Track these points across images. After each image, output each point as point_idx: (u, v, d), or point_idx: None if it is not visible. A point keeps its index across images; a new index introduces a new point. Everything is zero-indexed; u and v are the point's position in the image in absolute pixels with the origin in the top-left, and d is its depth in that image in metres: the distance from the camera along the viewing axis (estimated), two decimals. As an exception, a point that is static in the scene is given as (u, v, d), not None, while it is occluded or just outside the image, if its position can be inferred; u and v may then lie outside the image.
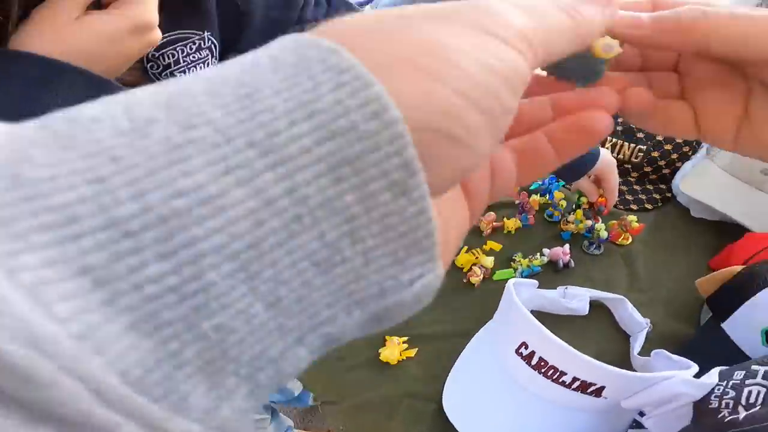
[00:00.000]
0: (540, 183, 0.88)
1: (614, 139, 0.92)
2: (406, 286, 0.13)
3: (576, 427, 0.55)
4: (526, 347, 0.54)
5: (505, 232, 0.81)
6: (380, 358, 0.63)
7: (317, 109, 0.11)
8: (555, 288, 0.67)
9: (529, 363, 0.54)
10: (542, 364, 0.53)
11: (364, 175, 0.12)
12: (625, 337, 0.67)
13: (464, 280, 0.73)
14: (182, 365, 0.10)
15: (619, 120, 0.93)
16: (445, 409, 0.57)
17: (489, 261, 0.72)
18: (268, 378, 0.12)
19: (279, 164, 0.11)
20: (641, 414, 0.55)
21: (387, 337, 0.66)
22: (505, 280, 0.67)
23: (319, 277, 0.12)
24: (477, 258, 0.73)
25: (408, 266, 0.13)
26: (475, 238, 0.81)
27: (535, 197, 0.84)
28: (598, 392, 0.52)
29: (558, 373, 0.52)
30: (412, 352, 0.64)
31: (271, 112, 0.11)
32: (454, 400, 0.59)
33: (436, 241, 0.13)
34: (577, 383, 0.52)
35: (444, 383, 0.60)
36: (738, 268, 0.62)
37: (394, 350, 0.63)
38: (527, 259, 0.72)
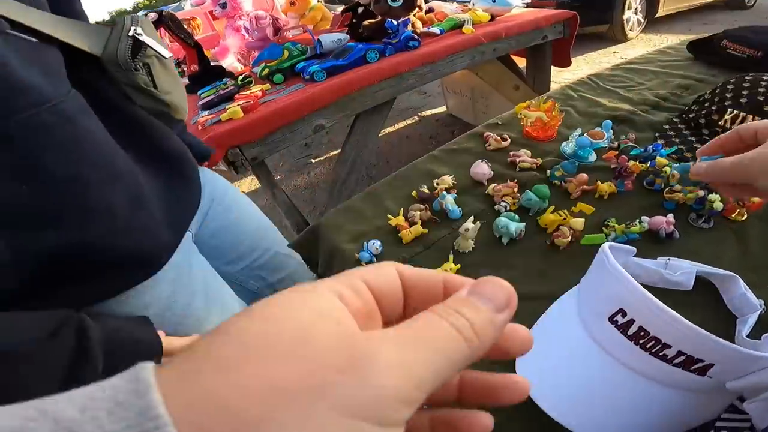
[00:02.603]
0: (642, 150, 0.80)
1: (736, 111, 0.83)
2: None
3: (668, 405, 0.49)
4: (624, 315, 0.48)
5: (596, 196, 0.74)
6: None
7: None
8: (654, 259, 0.60)
9: (624, 332, 0.48)
10: (641, 334, 0.47)
11: None
12: (732, 319, 0.59)
13: (548, 242, 0.67)
14: None
15: (743, 92, 0.83)
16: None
17: (579, 223, 0.65)
18: None
19: None
20: (741, 399, 0.49)
21: (461, 293, 0.62)
22: (594, 246, 0.61)
23: None
24: (565, 219, 0.66)
25: None
26: (563, 199, 0.74)
27: (635, 163, 0.76)
28: (704, 370, 0.45)
29: (660, 346, 0.46)
30: (487, 312, 0.60)
31: None
32: (529, 366, 0.54)
33: None
34: (682, 358, 0.46)
35: (518, 348, 0.56)
36: None
37: (467, 308, 0.60)
38: (623, 225, 0.65)
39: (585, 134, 0.85)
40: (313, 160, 3.05)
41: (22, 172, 0.41)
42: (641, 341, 0.48)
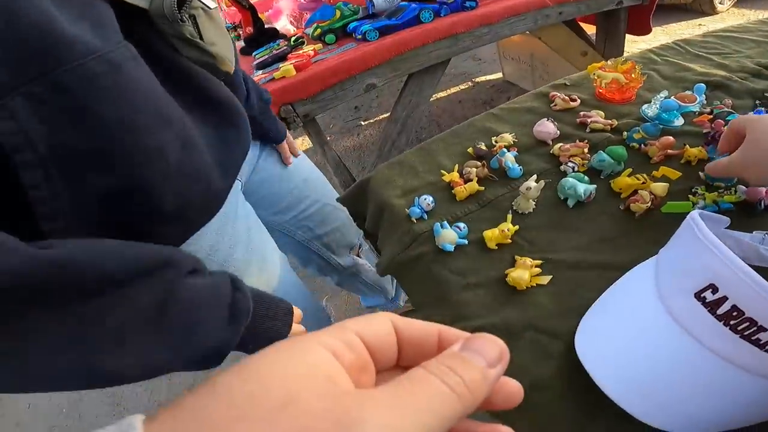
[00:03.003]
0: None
1: None
2: None
3: (753, 395, 0.42)
4: (715, 291, 0.41)
5: (682, 161, 0.65)
6: (507, 280, 0.55)
7: None
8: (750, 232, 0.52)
9: (713, 311, 0.42)
10: (734, 314, 0.40)
11: None
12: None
13: (621, 207, 0.60)
14: None
15: None
16: (578, 352, 0.47)
17: (661, 188, 0.57)
18: None
19: None
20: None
21: (518, 257, 0.56)
22: (676, 215, 0.53)
23: None
24: (644, 183, 0.59)
25: None
26: (642, 163, 0.66)
27: (731, 126, 0.66)
28: (801, 359, 0.38)
29: (755, 329, 0.39)
30: (546, 279, 0.55)
31: None
32: (590, 343, 0.48)
33: None
34: (779, 344, 0.39)
35: (579, 321, 0.50)
36: None
37: (524, 273, 0.54)
38: (715, 193, 0.56)
39: (672, 97, 0.75)
40: (362, 123, 3.02)
41: (74, 118, 0.44)
42: (732, 322, 0.41)
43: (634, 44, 2.94)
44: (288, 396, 0.16)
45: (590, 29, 2.23)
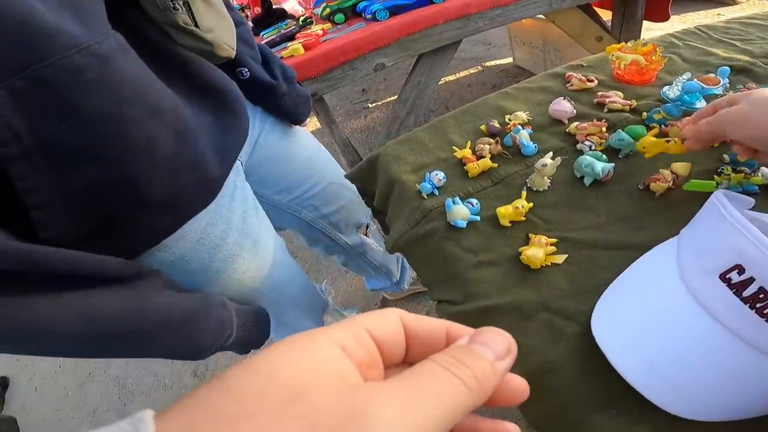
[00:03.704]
0: None
1: None
2: None
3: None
4: (741, 272, 0.40)
5: (703, 142, 0.63)
6: (521, 258, 0.53)
7: None
8: (776, 215, 0.50)
9: (738, 293, 0.40)
10: (761, 297, 0.39)
11: None
12: None
13: (641, 186, 0.58)
14: None
15: None
16: (595, 334, 0.45)
17: (683, 167, 0.55)
18: None
19: None
20: None
21: (532, 235, 0.55)
22: (699, 194, 0.51)
23: None
24: (670, 142, 0.57)
25: None
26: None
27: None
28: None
29: (784, 312, 0.38)
30: (561, 258, 0.53)
31: None
32: (608, 325, 0.46)
33: None
34: (806, 330, 0.37)
35: (595, 302, 0.48)
36: None
37: (538, 252, 0.52)
38: (741, 174, 0.54)
39: (695, 79, 0.73)
40: (370, 105, 2.99)
41: (59, 112, 0.43)
42: (758, 305, 0.39)
43: (650, 32, 2.88)
44: (298, 391, 0.16)
45: (605, 15, 2.18)
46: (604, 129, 0.67)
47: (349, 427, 0.16)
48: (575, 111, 0.73)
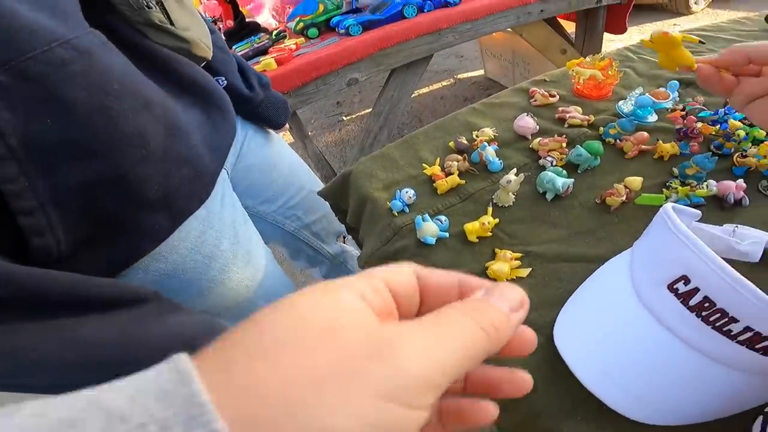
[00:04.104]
0: (712, 113, 0.72)
1: None
2: None
3: (725, 385, 0.43)
4: (687, 282, 0.43)
5: (655, 156, 0.67)
6: (487, 273, 0.55)
7: None
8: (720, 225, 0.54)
9: (685, 302, 0.43)
10: (706, 305, 0.41)
11: None
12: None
13: (597, 200, 0.61)
14: None
15: None
16: (557, 344, 0.48)
17: (635, 181, 0.59)
18: None
19: None
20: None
21: (497, 250, 0.57)
22: (650, 207, 0.55)
23: None
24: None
25: None
26: (617, 158, 0.68)
27: (705, 125, 0.68)
28: (768, 350, 0.40)
29: (726, 320, 0.40)
30: (525, 272, 0.55)
31: None
32: (568, 334, 0.49)
33: None
34: (748, 335, 0.40)
35: (557, 313, 0.51)
36: None
37: (504, 266, 0.55)
38: (687, 187, 0.58)
39: (647, 93, 0.77)
40: (344, 118, 3.02)
41: (45, 107, 0.42)
42: (704, 313, 0.42)
43: (611, 43, 3.00)
44: (327, 329, 0.17)
45: (570, 27, 2.27)
46: (564, 144, 0.70)
47: (377, 359, 0.17)
48: (538, 127, 0.77)
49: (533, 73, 2.48)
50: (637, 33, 3.76)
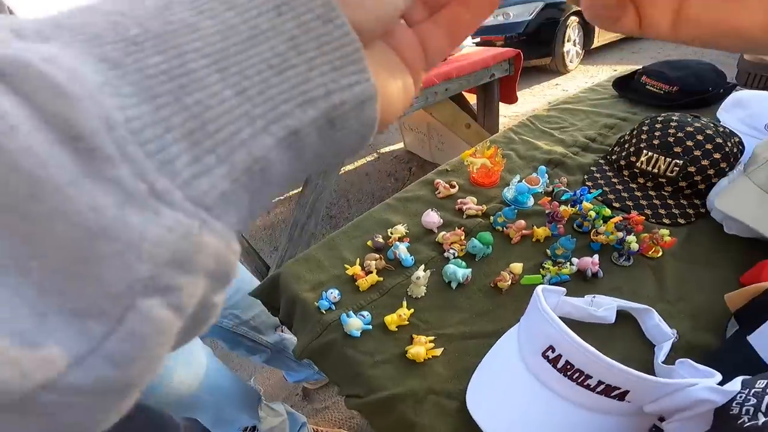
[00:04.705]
0: (572, 194, 0.89)
1: (650, 153, 0.92)
2: (346, 88, 0.17)
3: (598, 429, 0.56)
4: (553, 351, 0.55)
5: (534, 240, 0.82)
6: (407, 355, 0.65)
7: None
8: (582, 297, 0.68)
9: (555, 366, 0.55)
10: (568, 367, 0.54)
11: (297, 10, 0.16)
12: (650, 347, 0.67)
13: (491, 285, 0.74)
14: (171, 129, 0.13)
15: (656, 134, 0.93)
16: (469, 408, 0.58)
17: (517, 267, 0.73)
18: (242, 161, 0.15)
19: (235, 7, 0.15)
20: (661, 419, 0.56)
21: (414, 336, 0.68)
22: (533, 286, 0.68)
23: (274, 77, 0.15)
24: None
25: (345, 73, 0.17)
26: (505, 244, 0.82)
27: (566, 207, 0.85)
28: (622, 396, 0.52)
29: (583, 377, 0.53)
30: (438, 351, 0.66)
31: None
32: (477, 398, 0.60)
33: (363, 56, 0.17)
34: (602, 387, 0.53)
35: (468, 382, 0.62)
36: (769, 284, 0.62)
37: (421, 349, 0.65)
38: (556, 267, 0.73)
39: (523, 180, 0.94)
40: (272, 200, 3.05)
41: None
42: (569, 373, 0.54)
43: (509, 108, 3.36)
44: None
45: (472, 99, 2.51)
46: (462, 237, 0.84)
47: None
48: (442, 220, 0.90)
49: (447, 144, 2.73)
50: (530, 95, 4.27)
